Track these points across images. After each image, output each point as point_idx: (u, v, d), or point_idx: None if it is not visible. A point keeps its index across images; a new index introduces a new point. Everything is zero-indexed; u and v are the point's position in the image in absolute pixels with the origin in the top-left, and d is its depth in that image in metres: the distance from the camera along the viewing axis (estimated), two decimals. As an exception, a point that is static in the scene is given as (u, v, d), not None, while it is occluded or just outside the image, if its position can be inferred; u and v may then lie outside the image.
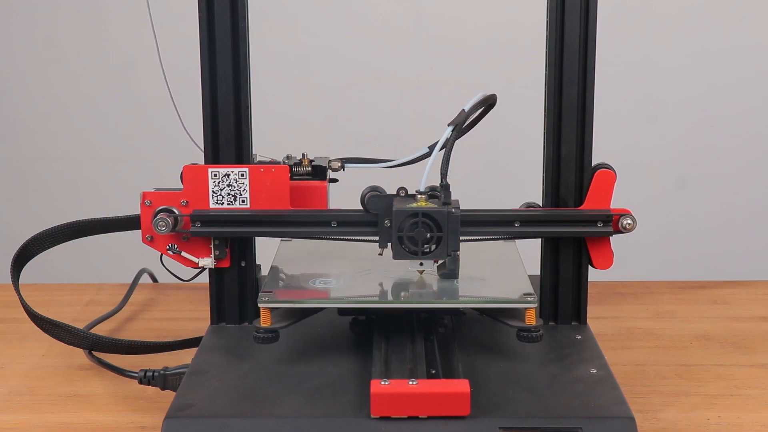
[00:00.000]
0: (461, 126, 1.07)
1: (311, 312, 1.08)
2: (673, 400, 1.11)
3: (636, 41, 2.32)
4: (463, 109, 1.07)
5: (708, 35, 2.34)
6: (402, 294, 1.08)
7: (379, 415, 0.93)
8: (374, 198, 1.07)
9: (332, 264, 1.17)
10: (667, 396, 1.12)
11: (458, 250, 1.05)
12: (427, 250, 1.04)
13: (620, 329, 1.32)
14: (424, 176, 1.06)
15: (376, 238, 1.09)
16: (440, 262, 1.09)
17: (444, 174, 1.05)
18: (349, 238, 1.13)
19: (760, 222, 2.42)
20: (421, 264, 1.07)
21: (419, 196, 1.06)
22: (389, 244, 1.06)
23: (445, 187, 1.05)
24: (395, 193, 1.08)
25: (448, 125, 1.06)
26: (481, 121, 1.14)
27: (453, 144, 1.06)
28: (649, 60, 2.35)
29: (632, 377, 1.17)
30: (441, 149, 1.06)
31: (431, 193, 1.06)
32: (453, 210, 1.04)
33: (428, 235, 1.04)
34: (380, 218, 1.07)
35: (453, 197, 1.06)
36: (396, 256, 1.05)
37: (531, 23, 1.43)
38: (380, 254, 1.09)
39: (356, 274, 1.13)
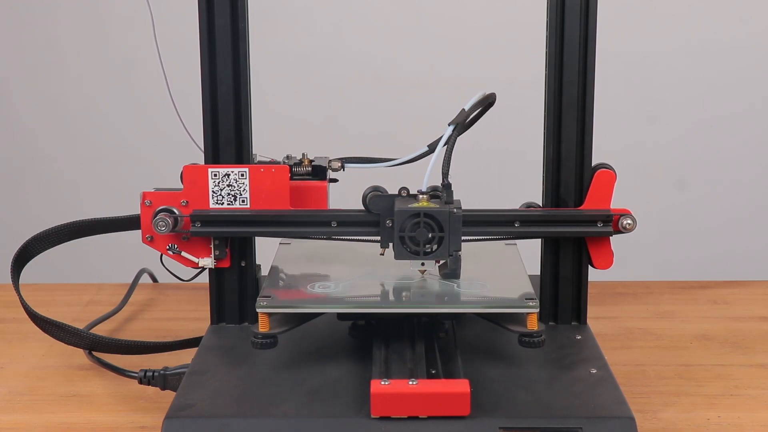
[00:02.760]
0: (462, 125, 1.07)
1: (310, 317, 1.07)
2: (673, 400, 1.11)
3: (636, 41, 2.32)
4: (464, 109, 1.07)
5: (708, 35, 2.34)
6: (402, 297, 1.07)
7: (379, 415, 0.93)
8: (376, 198, 1.07)
9: (331, 268, 1.16)
10: (667, 396, 1.12)
11: (460, 249, 1.05)
12: (429, 250, 1.04)
13: (620, 329, 1.32)
14: (426, 176, 1.06)
15: (377, 238, 1.08)
16: (441, 262, 1.09)
17: (445, 173, 1.05)
18: (349, 238, 1.13)
19: (760, 222, 2.42)
20: (423, 264, 1.07)
21: (421, 196, 1.05)
22: (391, 245, 1.06)
23: (446, 186, 1.05)
24: (397, 193, 1.08)
25: (449, 124, 1.07)
26: (482, 121, 1.14)
27: (454, 143, 1.06)
28: (649, 60, 2.35)
29: (632, 377, 1.17)
30: (443, 147, 1.06)
31: (433, 193, 1.06)
32: (455, 210, 1.04)
33: (430, 235, 1.04)
34: (382, 218, 1.07)
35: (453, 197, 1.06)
36: (398, 256, 1.05)
37: (531, 23, 1.43)
38: (382, 254, 1.08)
39: (355, 278, 1.13)
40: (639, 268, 2.00)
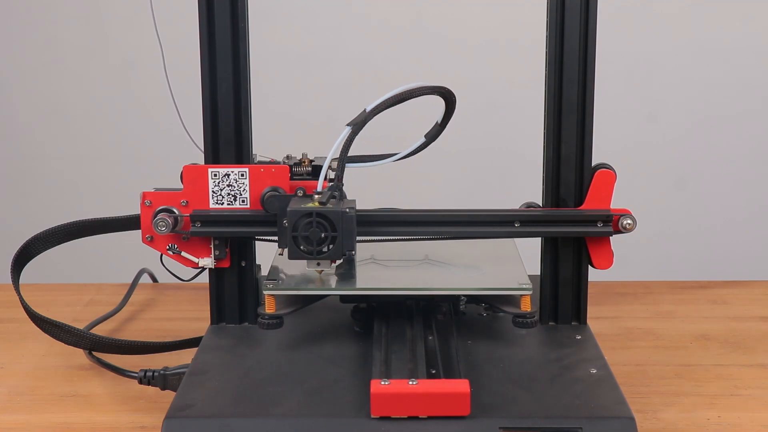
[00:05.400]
0: (360, 126, 1.07)
1: (314, 299, 1.11)
2: (673, 400, 1.11)
3: (636, 41, 2.32)
4: (365, 109, 1.08)
5: (708, 35, 2.34)
6: (401, 281, 1.11)
7: (379, 415, 0.93)
8: (272, 198, 1.08)
9: None
10: (667, 396, 1.12)
11: (353, 250, 1.05)
12: (324, 249, 1.05)
13: (620, 329, 1.33)
14: (321, 176, 1.07)
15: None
16: (338, 262, 1.10)
17: (339, 175, 1.06)
18: (258, 237, 1.14)
19: (760, 222, 2.42)
20: (318, 264, 1.08)
21: (316, 196, 1.06)
22: None
23: (338, 188, 1.06)
24: (293, 193, 1.09)
25: (347, 125, 1.07)
26: (482, 121, 1.13)
27: (350, 144, 1.06)
28: (649, 60, 2.35)
29: (632, 377, 1.17)
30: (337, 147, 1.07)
31: (330, 193, 1.07)
32: (347, 210, 1.04)
33: (323, 235, 1.04)
34: (279, 218, 1.08)
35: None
36: (291, 256, 1.05)
37: (531, 23, 1.43)
38: (280, 254, 1.10)
39: (357, 264, 1.15)
40: (639, 268, 2.00)
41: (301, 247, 1.04)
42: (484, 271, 1.14)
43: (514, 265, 1.16)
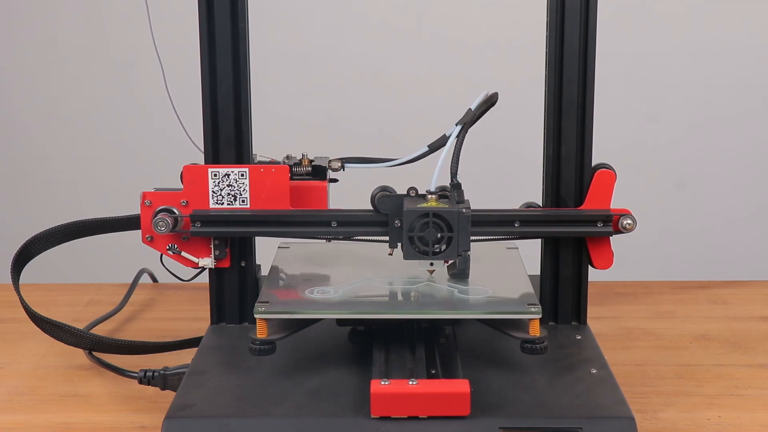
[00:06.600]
0: (469, 125, 1.07)
1: (308, 323, 1.05)
2: (673, 400, 1.11)
3: (636, 41, 2.32)
4: (470, 108, 1.07)
5: (708, 35, 2.34)
6: (402, 303, 1.07)
7: (379, 415, 0.93)
8: (384, 198, 1.08)
9: (330, 272, 1.15)
10: (667, 396, 1.12)
11: (469, 249, 1.04)
12: (438, 250, 1.04)
13: (620, 329, 1.33)
14: (435, 176, 1.05)
15: (384, 238, 1.08)
16: (450, 262, 1.09)
17: (454, 173, 1.05)
18: (356, 238, 1.12)
19: (760, 222, 2.42)
20: (432, 264, 1.07)
21: (429, 196, 1.06)
22: (399, 244, 1.06)
23: (456, 186, 1.05)
24: (405, 192, 1.08)
25: (456, 124, 1.06)
26: (482, 120, 1.13)
27: (462, 142, 1.06)
28: (649, 60, 2.35)
29: (632, 377, 1.17)
30: (451, 146, 1.06)
31: (441, 193, 1.06)
32: (464, 210, 1.04)
33: (439, 235, 1.04)
34: (390, 218, 1.07)
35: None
36: (407, 256, 1.05)
37: (531, 23, 1.43)
38: (390, 254, 1.08)
39: (355, 283, 1.11)
40: (639, 268, 2.00)
41: (416, 248, 1.04)
42: (489, 291, 1.08)
43: (520, 282, 1.11)
